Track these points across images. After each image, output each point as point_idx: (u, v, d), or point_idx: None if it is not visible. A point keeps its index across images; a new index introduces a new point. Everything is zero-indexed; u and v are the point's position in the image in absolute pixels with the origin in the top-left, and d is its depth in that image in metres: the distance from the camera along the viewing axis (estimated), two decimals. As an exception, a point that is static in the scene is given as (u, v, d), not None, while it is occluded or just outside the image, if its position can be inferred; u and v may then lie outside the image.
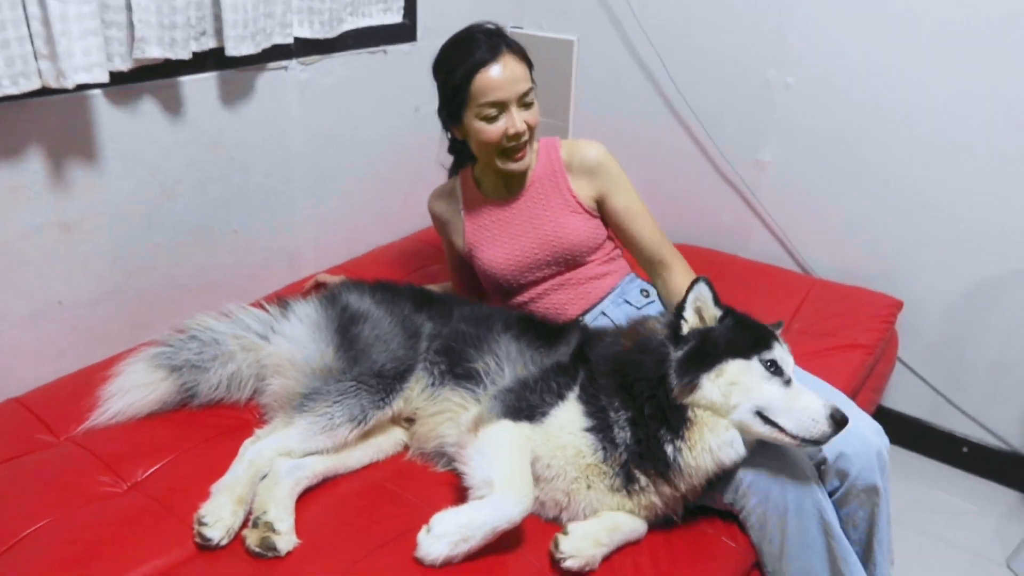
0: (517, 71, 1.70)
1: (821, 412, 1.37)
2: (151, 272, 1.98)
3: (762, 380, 1.40)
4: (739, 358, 1.41)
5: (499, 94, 1.69)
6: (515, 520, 1.33)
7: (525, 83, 1.72)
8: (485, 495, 1.35)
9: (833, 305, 2.30)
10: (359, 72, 2.35)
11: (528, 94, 1.72)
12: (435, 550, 1.29)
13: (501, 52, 1.69)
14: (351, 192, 2.46)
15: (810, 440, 1.38)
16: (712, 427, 1.40)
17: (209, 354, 1.72)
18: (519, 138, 1.73)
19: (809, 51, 2.33)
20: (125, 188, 1.86)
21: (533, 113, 1.74)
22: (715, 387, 1.39)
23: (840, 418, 1.37)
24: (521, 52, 1.75)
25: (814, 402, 1.39)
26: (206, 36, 1.85)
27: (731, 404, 1.39)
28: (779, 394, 1.40)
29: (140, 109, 1.83)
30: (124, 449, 1.60)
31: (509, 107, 1.70)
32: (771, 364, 1.41)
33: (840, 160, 2.38)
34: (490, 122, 1.72)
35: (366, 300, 1.79)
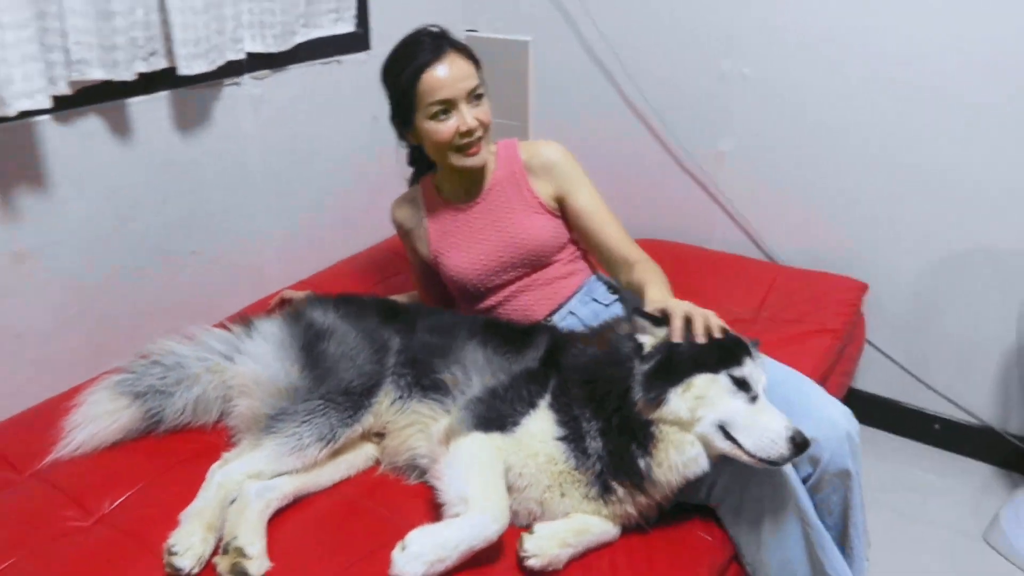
0: (463, 68, 1.71)
1: (781, 433, 1.34)
2: (112, 298, 1.95)
3: (728, 395, 1.38)
4: (707, 372, 1.38)
5: (446, 92, 1.69)
6: (492, 539, 1.31)
7: (472, 80, 1.72)
8: (461, 512, 1.34)
9: (799, 292, 2.32)
10: (314, 84, 2.33)
11: (476, 90, 1.73)
12: (410, 569, 1.26)
13: (445, 51, 1.70)
14: (313, 205, 2.44)
15: (767, 460, 1.34)
16: (677, 445, 1.38)
17: (173, 378, 1.69)
18: (471, 135, 1.72)
19: (763, 41, 2.35)
20: (79, 214, 1.83)
21: (484, 110, 1.74)
22: (682, 401, 1.37)
23: (801, 441, 1.33)
24: (467, 51, 1.75)
25: (776, 422, 1.35)
26: (156, 56, 1.82)
27: (696, 417, 1.37)
28: (743, 410, 1.37)
29: (90, 132, 1.80)
30: (89, 481, 1.57)
31: (458, 104, 1.70)
32: (740, 380, 1.38)
33: (799, 147, 2.39)
34: (440, 121, 1.71)
35: (330, 315, 1.77)
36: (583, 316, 1.85)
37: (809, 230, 2.47)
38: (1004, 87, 2.07)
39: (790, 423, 1.36)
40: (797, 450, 1.33)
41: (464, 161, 1.76)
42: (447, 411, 1.57)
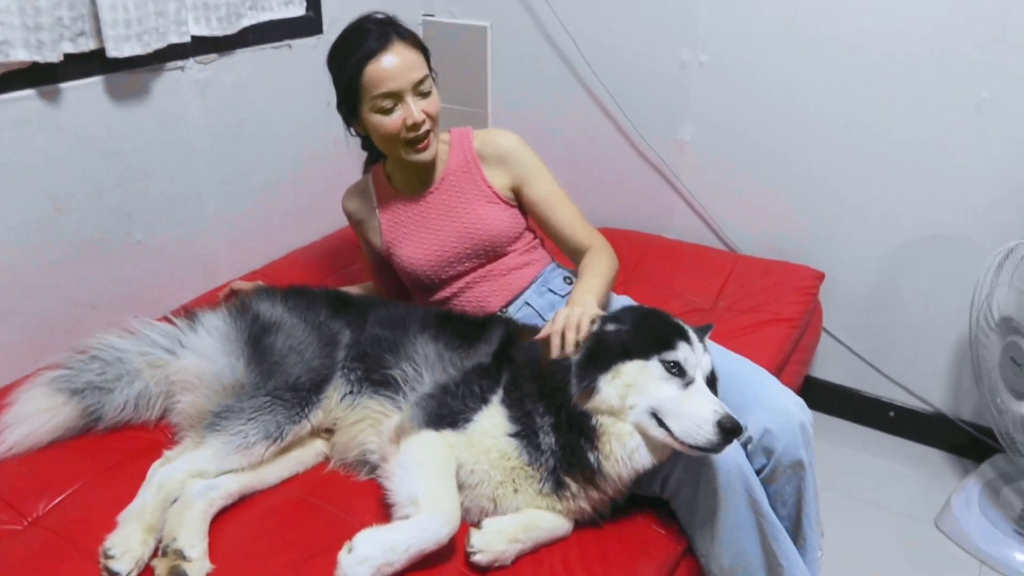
0: (409, 59, 1.64)
1: (708, 418, 1.29)
2: (49, 291, 1.87)
3: (659, 380, 1.35)
4: (638, 359, 1.36)
5: (391, 84, 1.63)
6: (443, 541, 1.29)
7: (419, 71, 1.66)
8: (411, 514, 1.30)
9: (757, 280, 2.32)
10: (263, 69, 2.26)
11: (423, 82, 1.66)
12: (357, 573, 1.22)
13: (391, 41, 1.63)
14: (265, 193, 2.37)
15: (695, 446, 1.30)
16: (618, 436, 1.36)
17: (113, 374, 1.63)
18: (418, 128, 1.67)
19: (721, 29, 2.34)
20: (10, 204, 1.75)
21: (432, 101, 1.69)
22: (612, 388, 1.35)
23: (731, 427, 1.28)
24: (414, 40, 1.69)
25: (704, 407, 1.31)
26: (85, 36, 1.74)
27: (627, 405, 1.35)
28: (673, 395, 1.34)
29: (19, 119, 1.71)
30: (24, 483, 1.50)
31: (404, 97, 1.65)
32: (673, 365, 1.36)
33: (757, 137, 2.39)
34: (386, 114, 1.66)
35: (278, 308, 1.72)
36: (539, 307, 1.82)
37: (767, 219, 2.47)
38: (962, 75, 2.07)
39: (721, 408, 1.31)
40: (726, 435, 1.28)
41: (413, 156, 1.71)
42: (398, 407, 1.54)
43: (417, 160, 1.72)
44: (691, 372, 1.36)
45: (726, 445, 1.30)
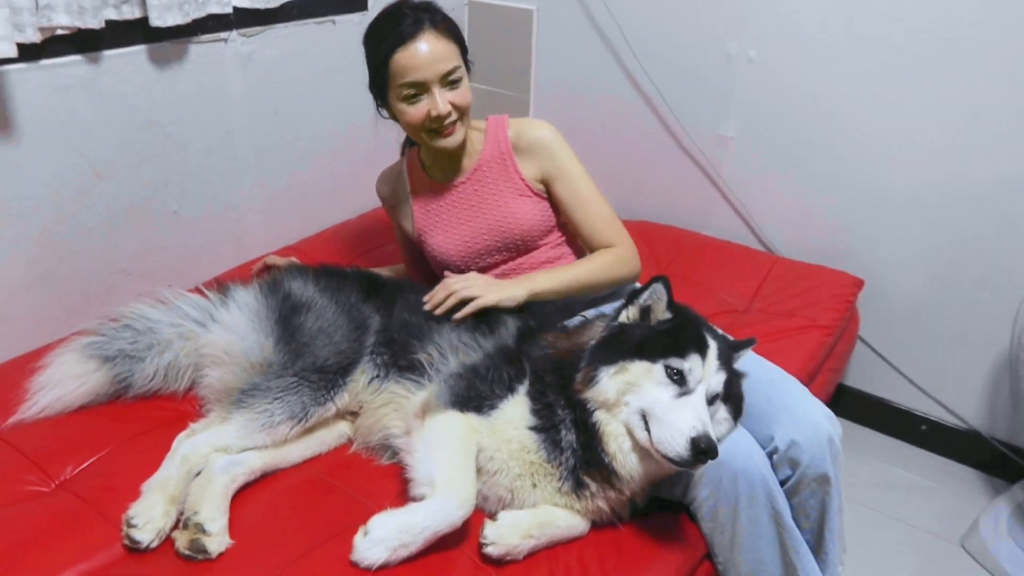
0: (439, 50, 1.60)
1: (684, 432, 1.25)
2: (85, 257, 1.89)
3: (656, 385, 1.33)
4: (646, 359, 1.34)
5: (418, 74, 1.60)
6: (456, 524, 1.29)
7: (449, 62, 1.61)
8: (426, 494, 1.31)
9: (794, 284, 2.27)
10: (306, 43, 2.25)
11: (453, 73, 1.62)
12: (372, 555, 1.24)
13: (422, 29, 1.59)
14: (302, 169, 2.37)
15: (667, 457, 1.27)
16: (614, 435, 1.35)
17: (144, 343, 1.65)
18: (442, 120, 1.64)
19: (771, 24, 2.27)
20: (50, 169, 1.76)
21: (461, 92, 1.65)
22: (612, 382, 1.33)
23: (705, 447, 1.24)
24: (449, 29, 1.64)
25: (685, 420, 1.27)
26: (129, 4, 1.74)
27: (622, 402, 1.33)
28: (664, 401, 1.31)
29: (62, 85, 1.73)
30: (53, 445, 1.53)
31: (431, 87, 1.61)
32: (676, 372, 1.33)
33: (802, 136, 2.33)
34: (412, 103, 1.63)
35: (310, 287, 1.72)
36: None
37: (809, 221, 2.41)
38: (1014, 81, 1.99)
39: (702, 426, 1.27)
40: (698, 454, 1.24)
41: (438, 142, 1.69)
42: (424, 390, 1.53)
43: (442, 147, 1.69)
44: (691, 384, 1.33)
45: (697, 464, 1.27)
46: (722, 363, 1.37)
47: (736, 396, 1.43)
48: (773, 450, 1.50)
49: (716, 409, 1.39)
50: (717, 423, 1.39)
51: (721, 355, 1.38)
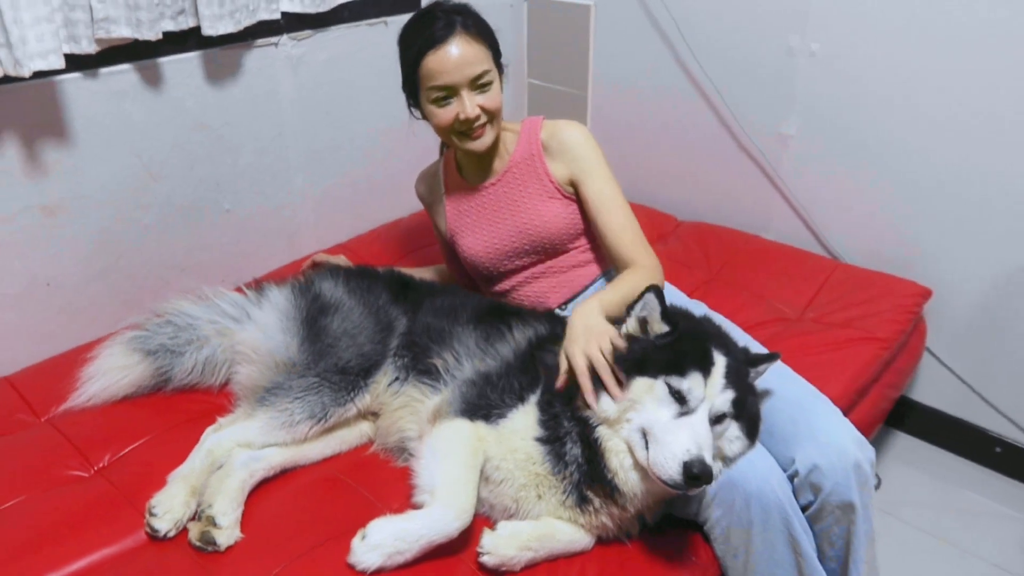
0: (468, 53, 1.59)
1: (677, 455, 1.22)
2: (141, 253, 2.00)
3: (657, 403, 1.29)
4: (648, 376, 1.31)
5: (446, 78, 1.59)
6: (452, 535, 1.29)
7: (478, 66, 1.60)
8: (426, 502, 1.32)
9: (853, 292, 2.15)
10: (357, 45, 2.29)
11: (482, 77, 1.61)
12: (368, 559, 1.27)
13: (453, 33, 1.59)
14: (352, 169, 2.42)
15: (660, 478, 1.25)
16: (615, 452, 1.32)
17: (184, 338, 1.73)
18: (470, 123, 1.63)
19: (835, 15, 2.14)
20: (108, 170, 1.87)
21: (490, 96, 1.64)
22: (613, 401, 1.31)
23: (699, 472, 1.20)
24: (481, 32, 1.63)
25: (681, 444, 1.23)
26: (185, 15, 1.82)
27: (624, 419, 1.31)
28: (664, 420, 1.27)
29: (119, 91, 1.82)
30: (95, 433, 1.63)
31: (460, 91, 1.61)
32: (676, 392, 1.29)
33: (868, 134, 2.19)
34: (441, 106, 1.63)
35: (340, 289, 1.75)
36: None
37: (874, 226, 2.27)
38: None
39: (697, 449, 1.22)
40: (690, 479, 1.21)
41: (467, 145, 1.68)
42: (439, 395, 1.55)
43: (471, 149, 1.69)
44: (693, 403, 1.29)
45: (690, 488, 1.24)
46: (730, 381, 1.32)
47: (752, 415, 1.36)
48: (794, 473, 1.42)
49: (726, 427, 1.33)
50: (729, 441, 1.34)
51: (730, 372, 1.32)
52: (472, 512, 1.32)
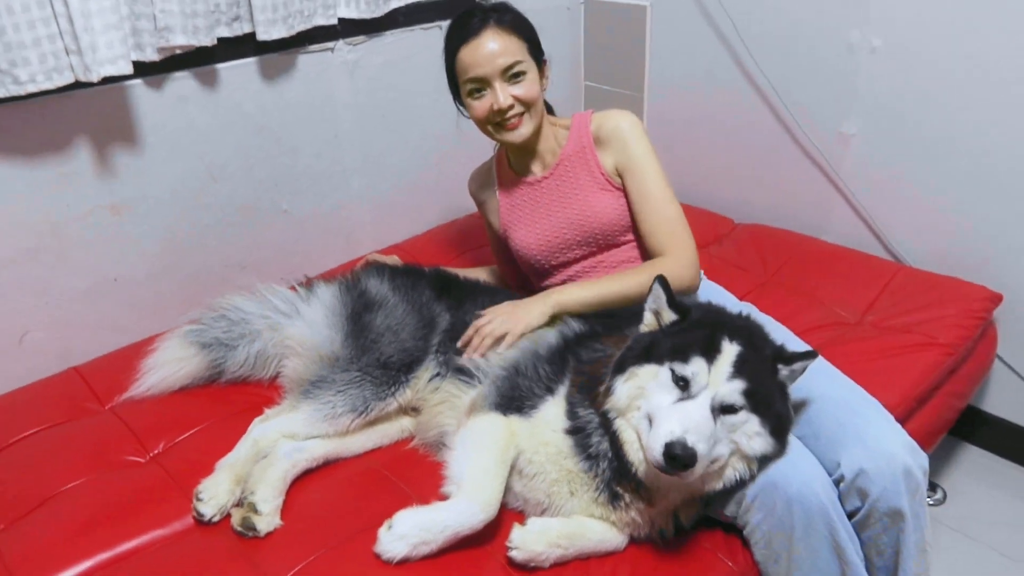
0: (499, 45, 1.62)
1: (660, 437, 1.21)
2: (203, 251, 2.08)
3: (660, 389, 1.28)
4: (654, 363, 1.30)
5: (478, 70, 1.63)
6: (476, 527, 1.30)
7: (509, 57, 1.62)
8: (453, 493, 1.33)
9: (916, 297, 2.06)
10: (413, 49, 2.33)
11: (515, 67, 1.63)
12: (393, 549, 1.29)
13: (485, 27, 1.62)
14: (408, 170, 2.46)
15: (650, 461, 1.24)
16: (629, 442, 1.31)
17: (237, 332, 1.79)
18: (504, 114, 1.65)
19: (897, 8, 2.06)
20: (172, 172, 1.96)
21: (525, 86, 1.65)
22: (624, 389, 1.31)
23: (680, 453, 1.18)
24: (516, 25, 1.65)
25: (667, 427, 1.22)
26: (240, 21, 1.90)
27: (634, 407, 1.30)
28: (664, 406, 1.26)
29: (181, 96, 1.91)
30: (152, 422, 1.70)
31: (492, 82, 1.63)
32: (680, 378, 1.27)
33: (934, 132, 2.09)
34: (476, 98, 1.67)
35: (385, 286, 1.79)
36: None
37: (940, 227, 2.17)
38: None
39: (681, 431, 1.20)
40: (671, 461, 1.19)
41: (504, 136, 1.70)
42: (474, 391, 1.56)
43: (509, 140, 1.71)
44: (695, 390, 1.26)
45: (675, 471, 1.21)
46: (741, 371, 1.27)
47: (778, 413, 1.31)
48: (840, 478, 1.37)
49: (742, 421, 1.28)
50: (748, 437, 1.30)
51: (742, 362, 1.28)
52: (497, 505, 1.33)
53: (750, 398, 1.28)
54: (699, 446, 1.19)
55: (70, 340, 1.93)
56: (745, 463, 1.32)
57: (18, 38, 1.53)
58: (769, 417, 1.30)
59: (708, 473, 1.29)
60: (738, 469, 1.32)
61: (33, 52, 1.55)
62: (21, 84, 1.57)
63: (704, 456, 1.21)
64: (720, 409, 1.26)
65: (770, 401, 1.30)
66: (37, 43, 1.55)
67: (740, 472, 1.32)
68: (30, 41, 1.55)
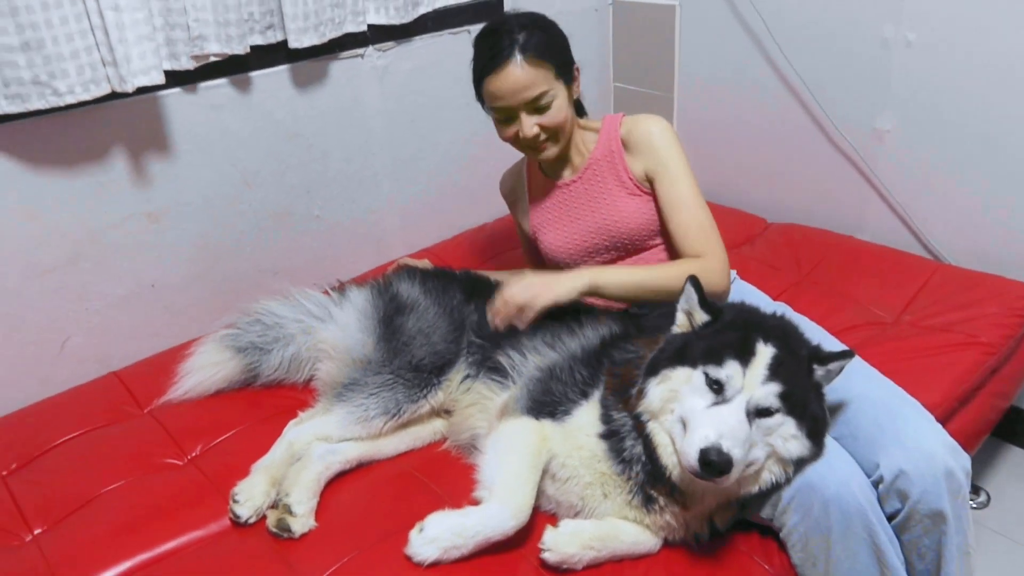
0: (523, 78, 1.58)
1: (695, 443, 1.20)
2: (237, 257, 2.11)
3: (694, 392, 1.27)
4: (687, 365, 1.28)
5: (502, 103, 1.62)
6: (508, 533, 1.30)
7: (534, 89, 1.59)
8: (484, 498, 1.34)
9: (956, 295, 2.01)
10: (441, 54, 2.34)
11: (540, 99, 1.61)
12: (425, 552, 1.29)
13: (510, 57, 1.58)
14: (438, 175, 2.47)
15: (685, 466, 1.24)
16: (663, 445, 1.30)
17: (271, 336, 1.81)
18: (531, 142, 1.65)
19: (932, 2, 2.02)
20: (206, 179, 1.99)
21: (551, 115, 1.63)
22: (656, 391, 1.30)
23: (716, 459, 1.17)
24: (542, 51, 1.60)
25: (702, 432, 1.21)
26: (273, 29, 1.92)
27: (667, 410, 1.29)
28: (698, 409, 1.25)
29: (215, 104, 1.94)
30: (189, 425, 1.73)
31: (517, 113, 1.63)
32: (714, 382, 1.26)
33: (971, 127, 2.05)
34: (502, 125, 1.68)
35: (416, 289, 1.80)
36: (679, 306, 1.73)
37: (981, 224, 2.12)
38: None
39: (716, 437, 1.19)
40: (707, 468, 1.18)
41: (534, 156, 1.72)
42: (507, 392, 1.56)
43: (541, 159, 1.72)
44: (730, 394, 1.25)
45: (710, 477, 1.19)
46: (776, 373, 1.26)
47: (814, 415, 1.29)
48: (879, 479, 1.35)
49: (778, 424, 1.27)
50: (783, 440, 1.28)
51: (777, 364, 1.27)
52: (529, 511, 1.33)
53: (786, 400, 1.26)
54: (734, 451, 1.18)
55: (109, 346, 1.96)
56: (781, 466, 1.30)
57: (57, 51, 1.57)
58: (805, 419, 1.28)
59: (744, 477, 1.27)
60: (774, 472, 1.30)
61: (71, 64, 1.59)
62: (60, 96, 1.61)
63: (740, 461, 1.20)
64: (755, 413, 1.25)
65: (806, 403, 1.28)
66: (75, 55, 1.59)
67: (776, 475, 1.30)
68: (68, 54, 1.58)
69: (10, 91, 1.58)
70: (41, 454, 1.67)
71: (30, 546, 1.45)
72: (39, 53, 1.55)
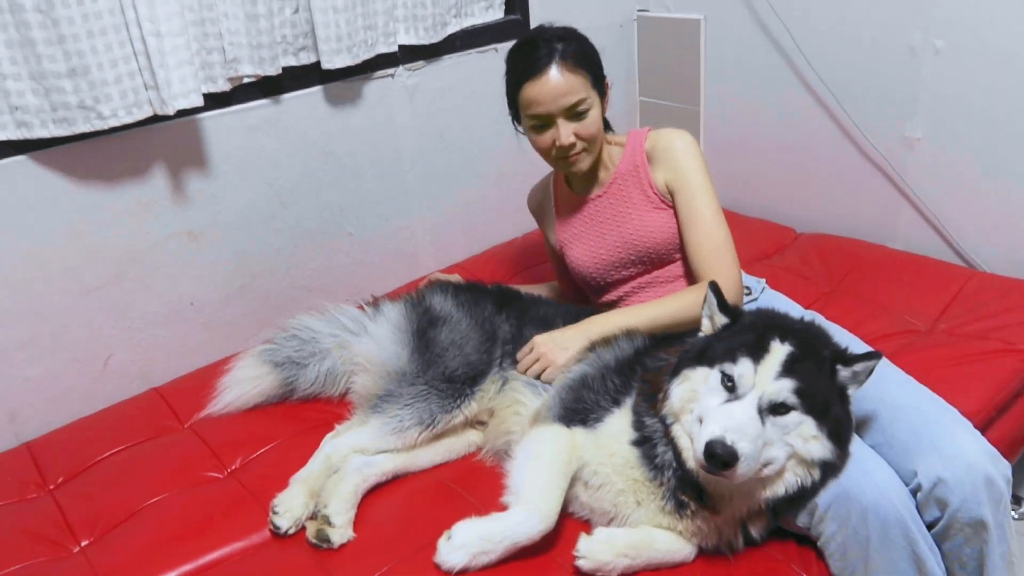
0: (563, 84, 1.61)
1: (703, 437, 1.22)
2: (273, 274, 2.16)
3: (711, 391, 1.29)
4: (705, 365, 1.31)
5: (541, 108, 1.64)
6: (535, 538, 1.32)
7: (573, 96, 1.62)
8: (512, 504, 1.35)
9: (991, 303, 1.99)
10: (470, 72, 2.38)
11: (579, 106, 1.63)
12: (453, 559, 1.30)
13: (549, 64, 1.61)
14: (468, 190, 2.51)
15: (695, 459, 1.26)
16: (685, 448, 1.31)
17: (308, 351, 1.84)
18: (566, 150, 1.67)
19: (959, 9, 2.02)
20: (243, 198, 2.04)
21: (586, 124, 1.65)
22: (678, 392, 1.32)
23: (722, 453, 1.18)
24: (580, 60, 1.64)
25: (710, 427, 1.23)
26: (306, 51, 1.98)
27: (687, 410, 1.30)
28: (712, 407, 1.27)
29: (251, 125, 1.99)
30: (229, 438, 1.76)
31: (555, 120, 1.64)
32: (728, 378, 1.27)
33: (1001, 133, 2.04)
34: (538, 132, 1.69)
35: (448, 302, 1.82)
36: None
37: (1015, 230, 2.10)
38: None
39: (721, 430, 1.20)
40: (711, 460, 1.20)
41: (565, 168, 1.73)
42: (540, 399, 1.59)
43: (571, 172, 1.74)
44: (742, 391, 1.26)
45: (717, 471, 1.21)
46: (790, 370, 1.26)
47: (837, 417, 1.29)
48: (917, 487, 1.34)
49: (797, 423, 1.26)
50: (803, 440, 1.27)
51: (793, 361, 1.27)
52: (556, 517, 1.34)
53: (803, 399, 1.25)
54: (740, 445, 1.19)
55: (150, 362, 2.01)
56: (805, 468, 1.29)
57: (101, 76, 1.62)
58: (826, 420, 1.27)
59: (767, 477, 1.28)
60: (798, 474, 1.29)
61: (115, 89, 1.65)
62: (104, 119, 1.67)
63: (749, 456, 1.20)
64: (769, 409, 1.25)
65: (827, 403, 1.28)
66: (119, 80, 1.65)
67: (801, 477, 1.29)
68: (112, 79, 1.64)
69: (57, 115, 1.64)
70: (86, 468, 1.72)
71: (78, 557, 1.49)
72: (85, 79, 1.61)
